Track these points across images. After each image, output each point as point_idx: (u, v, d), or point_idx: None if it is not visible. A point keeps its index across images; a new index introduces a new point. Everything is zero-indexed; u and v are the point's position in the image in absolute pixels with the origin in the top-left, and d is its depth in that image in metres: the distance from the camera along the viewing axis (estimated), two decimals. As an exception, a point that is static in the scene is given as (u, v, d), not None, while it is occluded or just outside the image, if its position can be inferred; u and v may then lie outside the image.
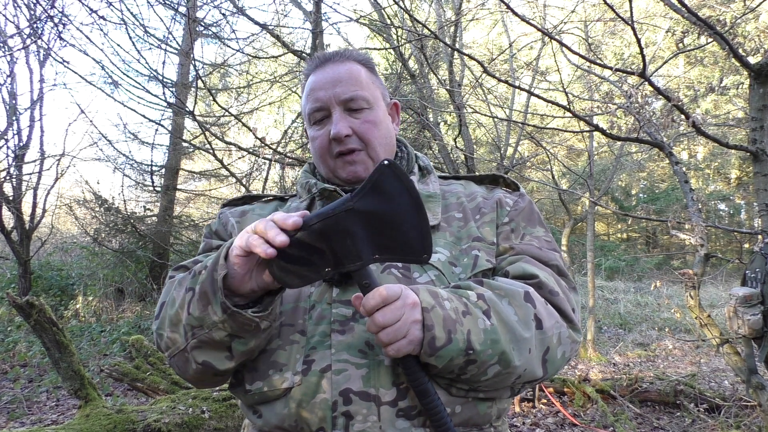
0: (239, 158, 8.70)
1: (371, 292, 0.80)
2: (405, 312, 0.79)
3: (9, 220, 6.70)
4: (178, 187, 9.29)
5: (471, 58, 3.65)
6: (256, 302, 0.86)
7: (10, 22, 5.84)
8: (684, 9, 3.05)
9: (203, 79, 6.90)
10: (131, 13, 5.71)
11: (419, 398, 0.85)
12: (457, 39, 6.09)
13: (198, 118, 5.65)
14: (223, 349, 0.87)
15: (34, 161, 7.03)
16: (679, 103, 3.08)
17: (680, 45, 4.48)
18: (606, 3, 2.77)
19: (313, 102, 1.02)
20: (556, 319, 0.92)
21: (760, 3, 4.27)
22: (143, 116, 10.76)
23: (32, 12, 5.13)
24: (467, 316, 0.84)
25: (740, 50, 4.00)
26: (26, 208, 7.02)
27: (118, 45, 8.52)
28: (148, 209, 9.07)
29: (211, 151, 4.99)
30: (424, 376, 0.84)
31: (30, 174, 7.07)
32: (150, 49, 7.75)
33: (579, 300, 1.00)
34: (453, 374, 0.85)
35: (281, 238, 0.77)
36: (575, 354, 0.98)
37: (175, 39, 6.90)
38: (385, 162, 0.80)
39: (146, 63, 10.17)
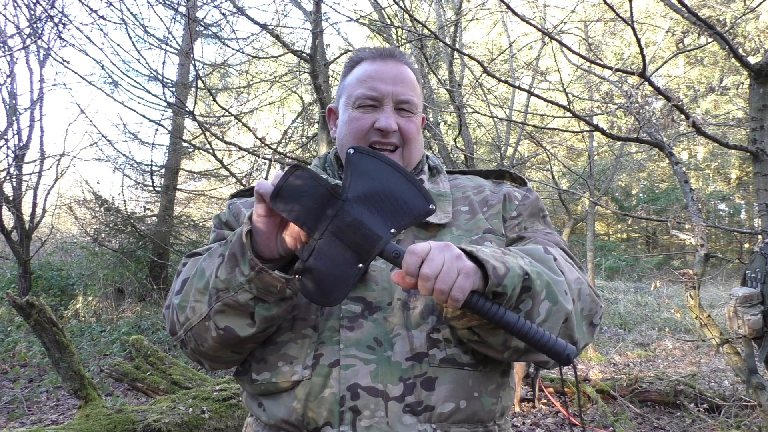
0: (239, 158, 8.71)
1: (405, 257, 0.79)
2: (444, 253, 0.78)
3: (9, 220, 6.69)
4: (178, 187, 9.27)
5: (471, 58, 3.65)
6: (282, 270, 0.88)
7: (10, 22, 5.83)
8: (684, 9, 3.05)
9: (203, 79, 6.90)
10: (131, 13, 5.71)
11: (509, 329, 0.80)
12: (457, 39, 6.09)
13: (198, 118, 5.64)
14: (246, 314, 0.88)
15: (34, 161, 7.03)
16: (679, 103, 3.08)
17: (680, 45, 4.47)
18: (606, 3, 2.77)
19: (369, 90, 1.05)
20: (577, 275, 0.94)
21: (760, 3, 4.27)
22: (143, 116, 10.76)
23: (32, 12, 5.11)
24: (506, 254, 0.85)
25: (740, 50, 4.00)
26: (26, 208, 7.02)
27: (118, 45, 8.50)
28: (148, 209, 9.05)
29: (211, 151, 4.99)
30: (500, 307, 0.80)
31: (30, 174, 7.06)
32: (150, 49, 7.75)
33: (587, 279, 1.02)
34: (510, 306, 0.82)
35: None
36: (599, 319, 0.98)
37: (175, 39, 6.90)
38: (350, 150, 0.88)
39: (146, 63, 10.16)
